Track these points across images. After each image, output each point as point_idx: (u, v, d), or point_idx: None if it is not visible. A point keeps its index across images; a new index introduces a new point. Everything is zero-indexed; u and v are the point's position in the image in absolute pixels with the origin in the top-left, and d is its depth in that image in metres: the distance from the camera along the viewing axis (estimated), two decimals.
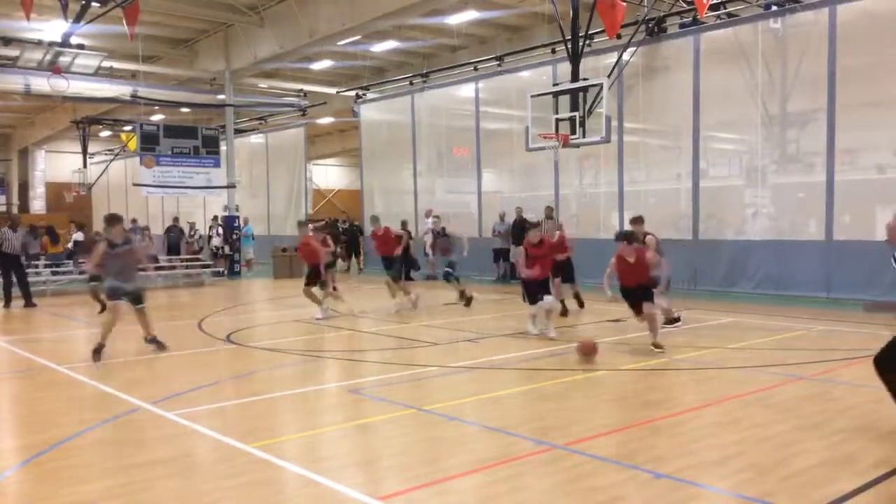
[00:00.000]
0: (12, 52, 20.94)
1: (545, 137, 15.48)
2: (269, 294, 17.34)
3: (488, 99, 21.54)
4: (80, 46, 20.70)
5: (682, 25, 16.77)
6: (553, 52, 18.90)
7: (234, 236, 24.89)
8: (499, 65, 20.67)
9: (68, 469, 5.31)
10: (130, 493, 4.75)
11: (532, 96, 16.10)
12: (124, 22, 16.77)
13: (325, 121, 33.52)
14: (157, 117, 31.04)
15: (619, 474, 4.90)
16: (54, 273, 20.07)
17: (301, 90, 28.96)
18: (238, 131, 29.11)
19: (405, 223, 20.39)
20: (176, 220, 27.24)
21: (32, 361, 9.57)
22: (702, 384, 7.73)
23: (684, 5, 16.60)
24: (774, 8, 15.38)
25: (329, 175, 46.75)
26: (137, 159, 23.68)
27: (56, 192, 39.43)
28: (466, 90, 22.05)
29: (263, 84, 29.48)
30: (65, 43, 19.83)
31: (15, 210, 40.27)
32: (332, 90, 28.45)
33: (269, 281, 20.17)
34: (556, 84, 16.38)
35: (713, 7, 15.80)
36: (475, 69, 21.45)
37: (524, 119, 16.43)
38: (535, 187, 20.71)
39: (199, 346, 10.68)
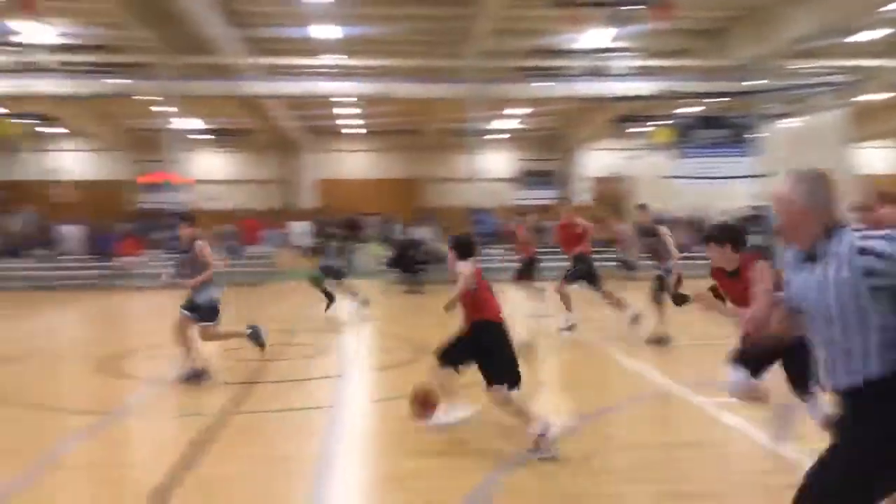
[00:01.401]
0: (562, 62, 23.72)
1: None
2: None
3: None
4: (619, 50, 22.34)
5: None
6: None
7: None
8: None
9: (611, 438, 5.88)
10: (657, 468, 5.05)
11: None
12: (654, 21, 17.58)
13: (875, 97, 29.94)
14: (688, 109, 31.64)
15: None
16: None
17: (843, 66, 26.35)
18: (771, 117, 27.90)
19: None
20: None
21: (581, 340, 10.70)
22: None
23: None
24: None
25: (877, 158, 41.48)
26: (668, 151, 24.63)
27: (595, 185, 43.20)
28: None
29: (798, 64, 27.69)
30: (606, 48, 21.70)
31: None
32: (882, 62, 25.26)
33: None
34: None
35: None
36: None
37: None
38: None
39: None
